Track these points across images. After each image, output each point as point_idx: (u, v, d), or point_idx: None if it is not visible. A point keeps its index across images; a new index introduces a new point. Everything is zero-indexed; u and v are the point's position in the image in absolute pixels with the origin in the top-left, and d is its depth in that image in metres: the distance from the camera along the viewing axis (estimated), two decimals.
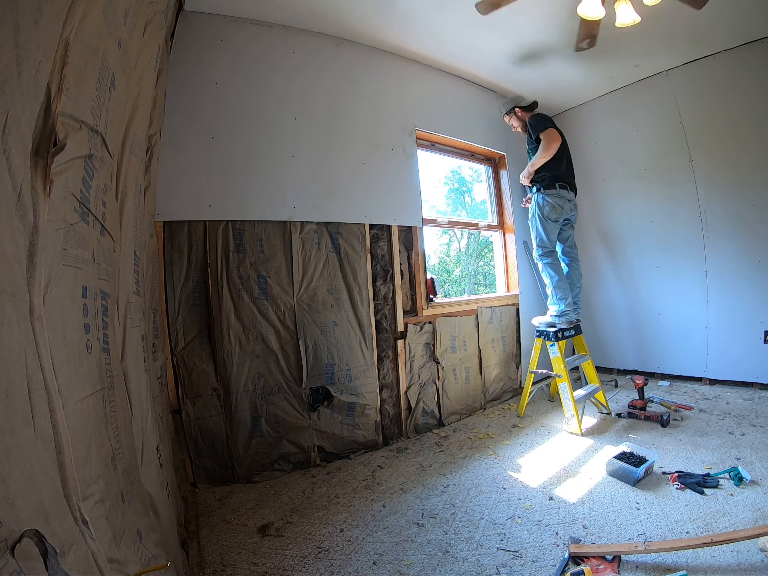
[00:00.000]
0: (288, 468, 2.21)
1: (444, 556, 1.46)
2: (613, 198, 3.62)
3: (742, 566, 1.26)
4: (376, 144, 2.69)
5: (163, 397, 1.78)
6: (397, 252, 2.72)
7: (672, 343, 3.31)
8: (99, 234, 0.89)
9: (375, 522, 1.70)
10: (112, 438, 0.85)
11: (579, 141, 3.62)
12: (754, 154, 2.81)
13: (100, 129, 0.88)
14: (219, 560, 1.49)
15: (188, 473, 2.04)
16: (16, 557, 0.47)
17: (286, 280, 2.30)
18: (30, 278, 0.59)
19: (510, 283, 3.58)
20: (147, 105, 1.42)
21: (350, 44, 2.64)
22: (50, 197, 0.64)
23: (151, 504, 1.10)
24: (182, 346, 2.06)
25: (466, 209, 9.50)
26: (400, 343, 2.69)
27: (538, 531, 1.56)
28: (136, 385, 1.14)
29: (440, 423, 2.82)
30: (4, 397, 0.50)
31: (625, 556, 1.35)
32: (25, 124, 0.58)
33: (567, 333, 2.81)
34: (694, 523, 1.50)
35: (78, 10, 0.72)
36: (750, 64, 2.77)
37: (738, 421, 2.40)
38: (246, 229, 2.21)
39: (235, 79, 2.23)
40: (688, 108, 3.09)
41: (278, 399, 2.23)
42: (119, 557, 0.75)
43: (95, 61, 0.84)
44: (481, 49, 2.83)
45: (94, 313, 0.82)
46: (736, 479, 1.72)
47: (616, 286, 3.66)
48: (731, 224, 2.96)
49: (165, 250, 2.04)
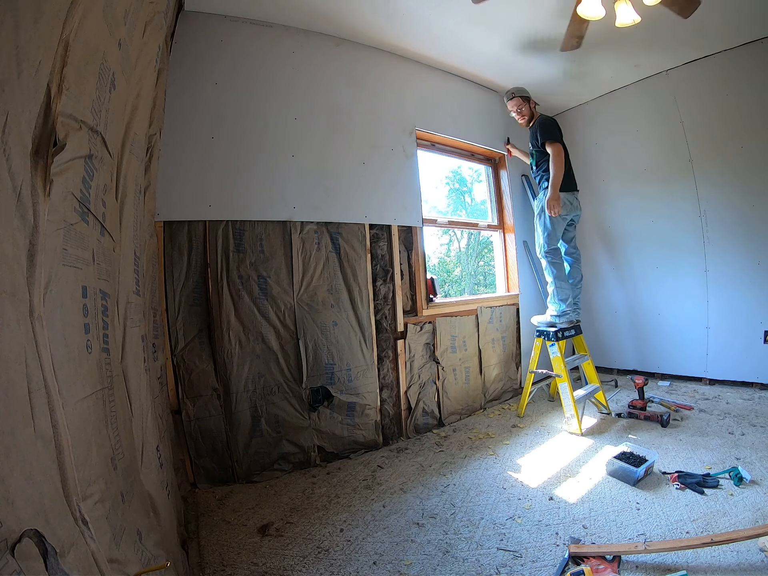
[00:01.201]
0: (288, 468, 2.21)
1: (444, 556, 1.47)
2: (613, 198, 3.62)
3: (742, 566, 1.26)
4: (376, 144, 2.69)
5: (163, 397, 1.78)
6: (397, 252, 2.72)
7: (672, 343, 3.31)
8: (99, 234, 0.89)
9: (375, 522, 1.70)
10: (112, 438, 0.85)
11: (579, 141, 3.63)
12: (754, 154, 2.81)
13: (100, 129, 0.88)
14: (219, 560, 1.49)
15: (188, 473, 2.04)
16: (16, 557, 0.47)
17: (286, 280, 2.30)
18: (30, 278, 0.59)
19: (510, 283, 3.58)
20: (147, 105, 1.42)
21: (350, 44, 2.64)
22: (50, 197, 0.64)
23: (151, 504, 1.10)
24: (182, 346, 2.06)
25: (466, 209, 9.49)
26: (400, 343, 2.69)
27: (538, 531, 1.56)
28: (136, 385, 1.14)
29: (440, 423, 2.82)
30: (4, 397, 0.50)
31: (625, 556, 1.35)
32: (25, 124, 0.58)
33: (567, 333, 2.82)
34: (694, 523, 1.50)
35: (78, 10, 0.72)
36: (750, 65, 2.77)
37: (738, 421, 2.40)
38: (246, 229, 2.21)
39: (235, 79, 2.24)
40: (688, 108, 3.09)
41: (278, 399, 2.23)
42: (119, 557, 0.75)
43: (95, 61, 0.84)
44: (480, 48, 2.82)
45: (94, 313, 0.82)
46: (736, 479, 1.72)
47: (616, 286, 3.66)
48: (731, 224, 2.96)
49: (165, 250, 2.04)
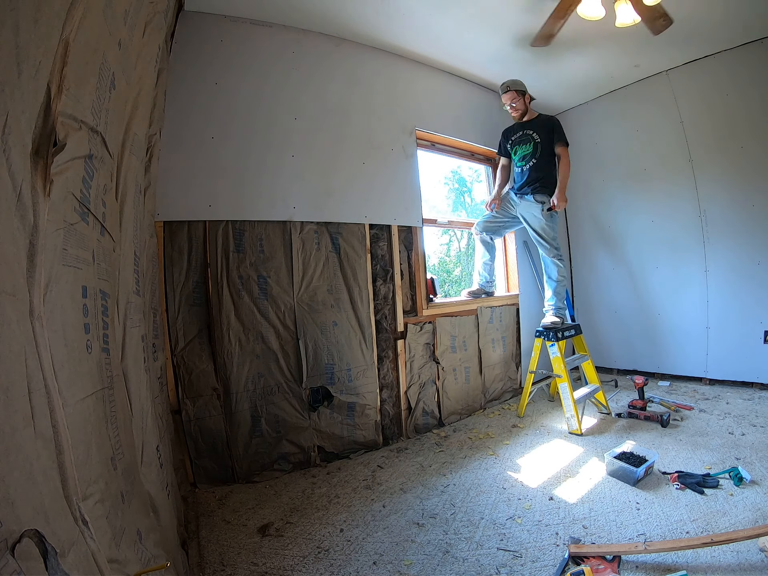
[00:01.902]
0: (288, 468, 2.21)
1: (444, 556, 1.47)
2: (613, 198, 3.62)
3: (742, 566, 1.26)
4: (376, 144, 2.69)
5: (163, 397, 1.78)
6: (397, 252, 2.72)
7: (672, 343, 3.32)
8: (99, 234, 0.89)
9: (375, 522, 1.70)
10: (112, 438, 0.85)
11: (579, 141, 3.62)
12: (754, 154, 2.81)
13: (100, 129, 0.88)
14: (219, 560, 1.49)
15: (188, 473, 2.04)
16: (16, 557, 0.47)
17: (286, 280, 2.30)
18: (30, 278, 0.59)
19: (510, 283, 3.58)
20: (147, 105, 1.42)
21: (350, 44, 2.64)
22: (50, 197, 0.64)
23: (151, 504, 1.10)
24: (182, 346, 2.06)
25: (466, 209, 9.49)
26: (400, 343, 2.69)
27: (538, 531, 1.56)
28: (136, 385, 1.14)
29: (440, 423, 2.82)
30: (4, 397, 0.50)
31: (625, 556, 1.35)
32: (25, 124, 0.58)
33: (567, 333, 2.82)
34: (694, 523, 1.50)
35: (78, 10, 0.72)
36: (750, 64, 2.77)
37: (738, 421, 2.40)
38: (246, 229, 2.21)
39: (235, 79, 2.23)
40: (688, 108, 3.09)
41: (278, 399, 2.23)
42: (119, 557, 0.75)
43: (95, 61, 0.84)
44: (481, 48, 2.82)
45: (94, 313, 0.82)
46: (736, 479, 1.72)
47: (616, 286, 3.66)
48: (731, 224, 2.96)
49: (165, 250, 2.04)
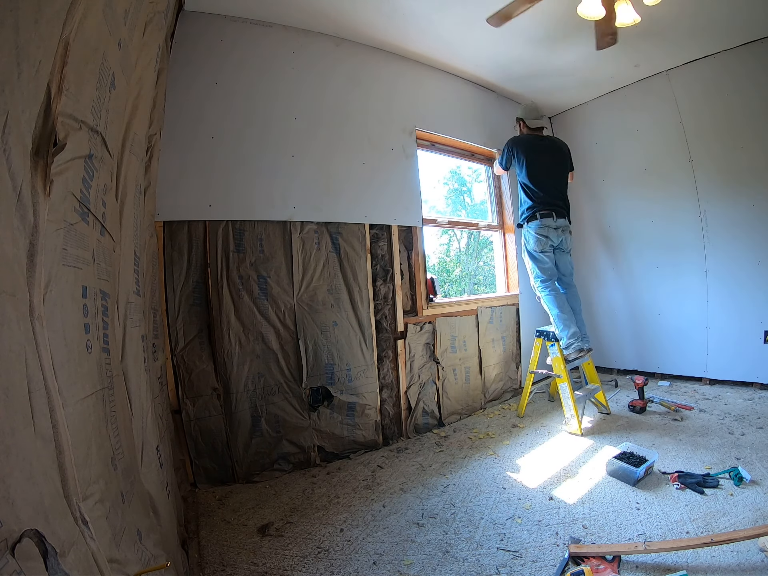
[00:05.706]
0: (288, 468, 2.21)
1: (444, 556, 1.46)
2: (613, 198, 3.61)
3: (742, 566, 1.26)
4: (376, 144, 2.69)
5: (163, 397, 1.78)
6: (397, 252, 2.72)
7: (672, 343, 3.31)
8: (99, 234, 0.89)
9: (375, 522, 1.70)
10: (112, 438, 0.85)
11: (579, 141, 3.63)
12: (754, 154, 2.81)
13: (100, 129, 0.88)
14: (219, 560, 1.49)
15: (188, 473, 2.04)
16: (16, 557, 0.47)
17: (286, 280, 2.30)
18: (30, 278, 0.59)
19: (510, 283, 3.58)
20: (147, 105, 1.42)
21: (351, 44, 2.64)
22: (50, 197, 0.64)
23: (151, 504, 1.10)
24: (182, 346, 2.06)
25: (465, 209, 9.49)
26: (400, 343, 2.69)
27: (538, 531, 1.56)
28: (136, 385, 1.14)
29: (440, 423, 2.82)
30: (4, 397, 0.50)
31: (625, 556, 1.35)
32: (25, 124, 0.58)
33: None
34: (694, 523, 1.50)
35: (78, 10, 0.72)
36: (750, 64, 2.77)
37: (738, 421, 2.40)
38: (246, 229, 2.21)
39: (234, 79, 2.23)
40: (688, 108, 3.09)
41: (278, 399, 2.23)
42: (119, 557, 0.75)
43: (95, 61, 0.84)
44: (480, 48, 2.82)
45: (94, 313, 0.82)
46: (736, 479, 1.72)
47: (616, 286, 3.65)
48: (731, 224, 2.96)
49: (165, 250, 2.04)
